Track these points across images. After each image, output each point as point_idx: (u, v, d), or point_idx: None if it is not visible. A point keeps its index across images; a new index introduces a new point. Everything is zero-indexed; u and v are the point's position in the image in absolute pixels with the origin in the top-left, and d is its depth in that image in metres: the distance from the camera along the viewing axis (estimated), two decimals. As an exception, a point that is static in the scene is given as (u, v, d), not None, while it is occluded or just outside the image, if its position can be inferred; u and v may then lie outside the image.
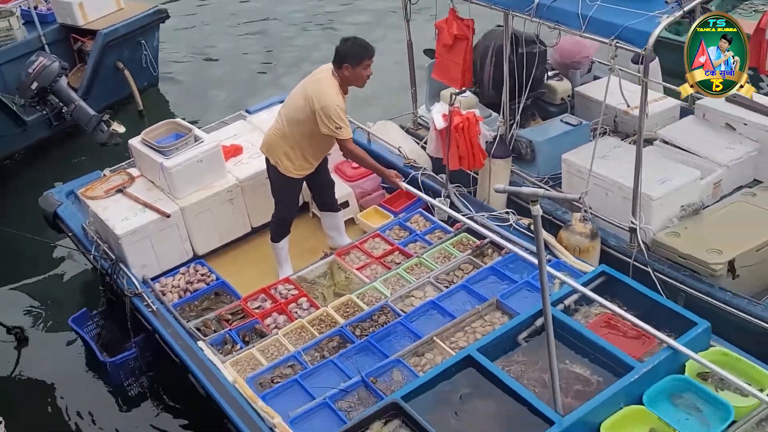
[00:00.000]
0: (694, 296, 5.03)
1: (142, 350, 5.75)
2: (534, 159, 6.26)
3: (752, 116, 5.93)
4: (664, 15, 4.86)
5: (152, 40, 10.03)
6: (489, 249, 5.54)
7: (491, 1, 5.77)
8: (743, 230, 5.27)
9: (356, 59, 5.19)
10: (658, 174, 5.45)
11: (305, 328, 5.08)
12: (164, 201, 5.90)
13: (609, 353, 4.18)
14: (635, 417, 3.93)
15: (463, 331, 4.74)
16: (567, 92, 6.86)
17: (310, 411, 4.32)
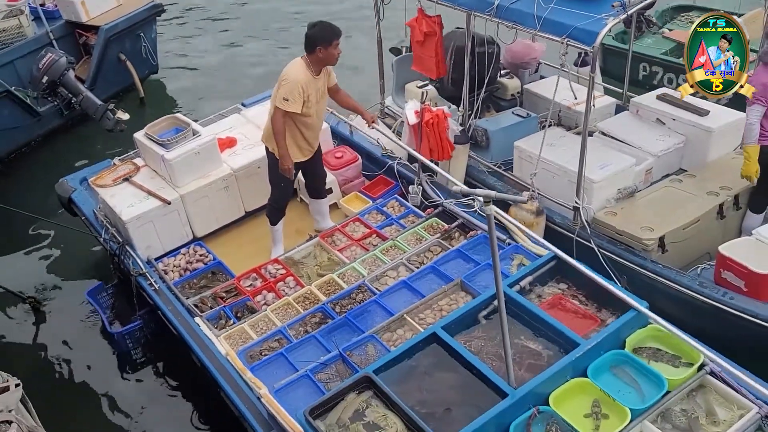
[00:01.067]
0: (629, 267, 5.07)
1: (146, 322, 5.71)
2: (488, 146, 6.29)
3: (680, 113, 5.95)
4: (610, 17, 4.82)
5: (150, 33, 9.83)
6: (456, 232, 5.49)
7: (455, 2, 5.71)
8: (671, 211, 5.33)
9: (327, 40, 5.00)
10: (598, 161, 5.48)
11: (291, 305, 5.03)
12: (166, 189, 5.81)
13: (558, 331, 4.15)
14: (580, 388, 3.91)
15: (430, 309, 4.70)
16: (517, 89, 6.91)
17: (292, 382, 4.29)
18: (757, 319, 4.53)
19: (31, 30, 9.04)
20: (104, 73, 9.26)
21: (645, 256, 5.08)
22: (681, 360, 3.99)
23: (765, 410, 3.70)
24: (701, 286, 4.82)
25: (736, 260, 4.73)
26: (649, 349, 4.09)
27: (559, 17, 4.99)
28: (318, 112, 5.30)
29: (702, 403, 3.84)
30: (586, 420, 3.76)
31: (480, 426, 3.65)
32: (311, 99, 5.11)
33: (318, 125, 5.37)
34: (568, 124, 6.44)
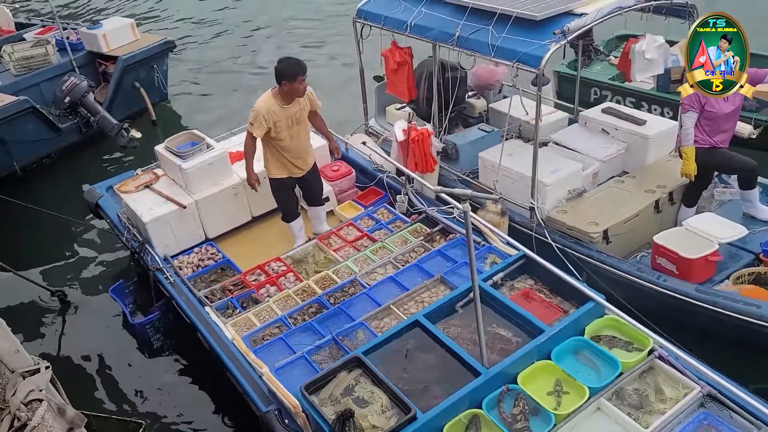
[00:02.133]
0: (578, 257, 5.13)
1: (163, 313, 5.66)
2: (458, 158, 6.34)
3: (621, 123, 6.06)
4: (552, 43, 4.94)
5: (162, 65, 9.85)
6: (437, 235, 5.48)
7: (422, 35, 5.80)
8: (614, 208, 5.40)
9: (291, 76, 4.91)
10: (551, 166, 5.56)
11: (291, 297, 5.00)
12: (182, 195, 5.79)
13: (526, 319, 4.13)
14: (545, 370, 3.90)
15: (413, 301, 4.68)
16: (483, 108, 6.99)
17: (291, 363, 4.27)
18: (686, 298, 4.60)
19: (56, 58, 9.13)
20: (120, 98, 9.28)
21: (591, 247, 5.16)
22: (633, 345, 3.98)
23: (706, 389, 3.69)
24: (639, 271, 4.90)
25: (669, 248, 4.80)
26: (605, 336, 4.09)
27: (510, 45, 5.10)
28: (293, 136, 5.19)
29: (651, 383, 3.83)
30: (549, 397, 3.75)
31: (456, 400, 3.63)
32: (280, 125, 5.06)
33: (297, 148, 5.26)
34: (527, 136, 6.53)
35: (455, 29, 5.48)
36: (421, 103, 6.57)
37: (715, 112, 4.98)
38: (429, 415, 3.55)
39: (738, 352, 4.59)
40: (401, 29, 5.95)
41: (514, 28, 5.15)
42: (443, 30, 5.62)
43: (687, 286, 4.65)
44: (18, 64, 8.89)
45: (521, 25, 5.15)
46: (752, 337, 4.37)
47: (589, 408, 3.68)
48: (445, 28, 5.61)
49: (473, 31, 5.38)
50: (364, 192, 6.38)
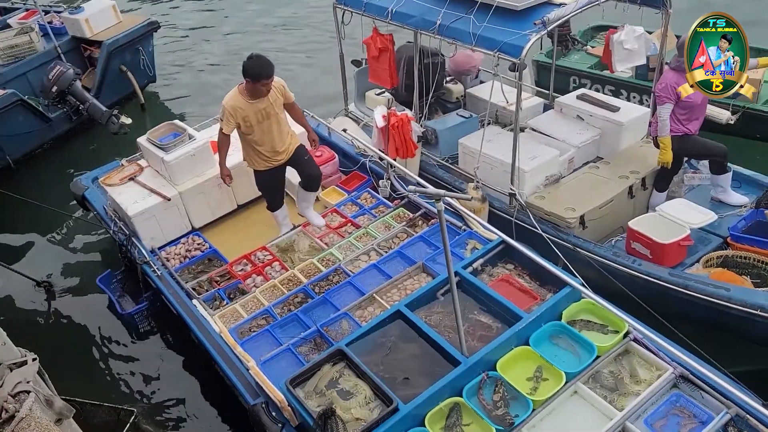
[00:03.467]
0: (556, 242, 5.15)
1: (152, 303, 5.69)
2: (438, 143, 6.31)
3: (596, 110, 6.04)
4: (533, 33, 4.89)
5: (148, 46, 9.68)
6: (419, 220, 5.50)
7: (405, 22, 5.71)
8: (590, 193, 5.42)
9: (254, 77, 4.71)
10: (529, 153, 5.55)
11: (277, 287, 5.03)
12: (166, 187, 5.77)
13: (504, 306, 4.18)
14: (523, 355, 3.96)
15: (396, 288, 4.71)
16: (460, 93, 6.94)
17: (277, 355, 4.31)
18: (660, 281, 4.65)
19: (40, 45, 8.91)
20: (107, 83, 9.13)
21: (569, 232, 5.19)
22: (609, 329, 4.05)
23: (679, 370, 3.76)
24: (615, 255, 4.94)
25: (643, 233, 4.84)
26: (582, 320, 4.14)
27: (491, 34, 5.04)
28: (265, 131, 5.02)
29: (626, 366, 3.90)
30: (528, 382, 3.82)
31: (437, 390, 3.69)
32: (249, 120, 4.91)
33: (271, 141, 5.08)
34: (503, 121, 6.50)
35: (436, 17, 5.39)
36: (400, 88, 6.50)
37: (692, 101, 4.97)
38: (410, 405, 3.61)
39: (709, 333, 4.67)
40: (382, 16, 5.85)
41: (494, 17, 5.08)
42: (424, 17, 5.53)
43: (660, 270, 4.70)
44: (3, 53, 8.70)
45: (502, 15, 5.08)
46: (722, 318, 4.44)
47: (566, 392, 3.75)
48: (427, 15, 5.52)
49: (454, 19, 5.30)
50: (348, 177, 6.36)
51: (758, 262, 4.68)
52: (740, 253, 4.77)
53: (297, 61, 10.68)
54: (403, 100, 6.61)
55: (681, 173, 5.67)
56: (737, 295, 4.33)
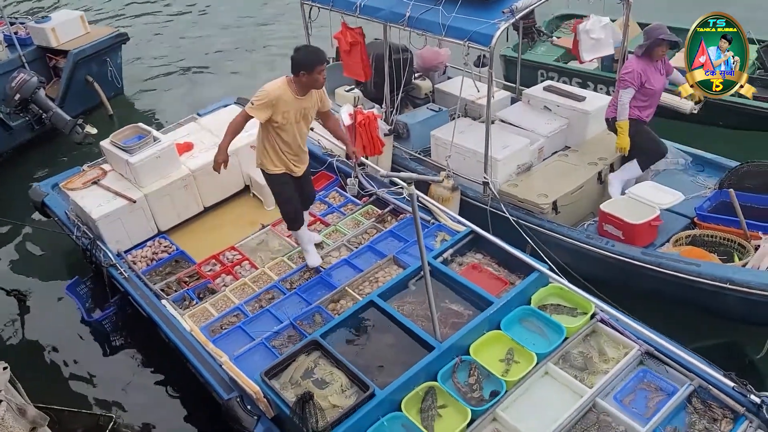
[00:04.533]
0: (530, 228, 5.26)
1: (120, 307, 5.58)
2: (409, 136, 6.38)
3: (562, 100, 6.20)
4: (501, 21, 4.98)
5: (116, 58, 9.56)
6: (388, 216, 5.55)
7: (374, 15, 5.77)
8: (561, 180, 5.55)
9: (309, 66, 4.31)
10: (500, 143, 5.64)
11: (247, 285, 5.00)
12: (131, 190, 5.69)
13: (475, 293, 4.26)
14: (495, 339, 4.04)
15: (368, 281, 4.75)
16: (429, 88, 7.03)
17: (250, 350, 4.29)
18: (633, 260, 4.77)
19: (4, 54, 8.70)
20: (73, 93, 8.95)
21: (542, 218, 5.29)
22: (576, 311, 4.16)
23: (644, 347, 3.89)
24: (588, 237, 5.05)
25: (615, 215, 4.98)
26: (551, 305, 4.24)
27: (460, 24, 5.13)
28: (299, 132, 4.58)
29: (595, 345, 4.01)
30: (500, 364, 3.90)
31: (413, 375, 3.74)
32: (288, 117, 4.43)
33: (298, 146, 4.64)
34: (472, 115, 6.61)
35: (405, 9, 5.46)
36: (369, 85, 6.56)
37: (654, 89, 5.12)
38: (386, 391, 3.64)
39: (681, 310, 4.83)
40: (350, 10, 5.90)
41: (463, 8, 5.18)
42: (393, 10, 5.60)
43: (633, 249, 4.82)
44: None
45: (470, 5, 5.18)
46: (693, 294, 4.59)
47: (537, 373, 3.83)
48: (395, 8, 5.59)
49: (423, 10, 5.37)
50: (315, 176, 6.35)
51: (724, 239, 4.85)
52: (707, 232, 4.94)
53: (264, 60, 10.67)
54: (373, 97, 6.67)
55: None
56: (707, 270, 4.47)
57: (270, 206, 6.04)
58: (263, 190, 6.01)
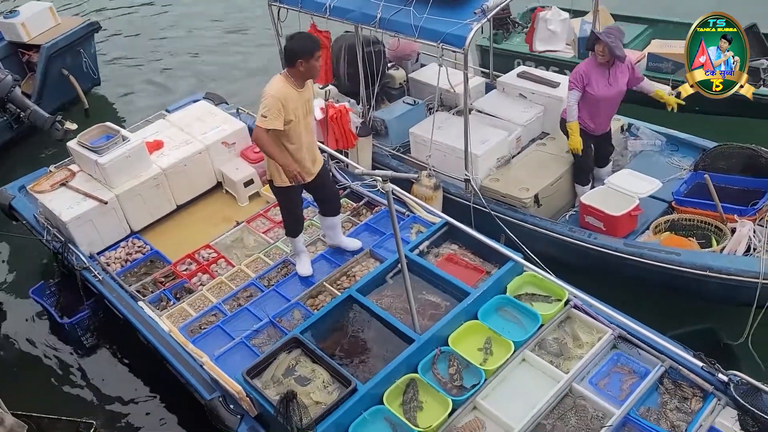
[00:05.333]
0: (514, 222, 5.29)
1: (94, 311, 5.52)
2: (387, 133, 6.35)
3: (537, 87, 6.20)
4: (474, 22, 4.95)
5: (89, 48, 9.29)
6: (363, 209, 5.57)
7: (344, 17, 5.70)
8: (540, 171, 5.56)
9: (308, 53, 4.05)
10: (479, 137, 5.62)
11: (224, 283, 4.99)
12: (102, 190, 5.59)
13: (452, 284, 4.33)
14: (473, 329, 4.12)
15: (346, 276, 4.78)
16: (402, 78, 6.95)
17: (230, 349, 4.30)
18: (616, 252, 4.83)
19: None
20: (49, 88, 8.71)
21: (525, 212, 5.30)
22: (551, 298, 4.26)
23: (617, 332, 4.01)
24: (571, 231, 5.09)
25: (596, 207, 5.03)
26: (526, 294, 4.33)
27: (433, 25, 5.08)
28: (308, 128, 4.33)
29: (569, 331, 4.12)
30: (479, 353, 3.98)
31: (393, 368, 3.80)
32: (298, 113, 4.17)
33: (309, 143, 4.37)
34: (449, 104, 6.58)
35: (376, 10, 5.39)
36: (343, 79, 6.47)
37: (594, 95, 5.06)
38: (368, 385, 3.70)
39: (658, 297, 4.96)
40: (320, 11, 5.80)
41: (434, 8, 5.12)
42: (364, 11, 5.52)
43: (616, 241, 4.88)
44: None
45: (441, 4, 5.12)
46: (675, 281, 4.70)
47: (515, 360, 3.93)
48: (365, 9, 5.51)
49: (394, 11, 5.31)
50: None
51: (701, 222, 4.96)
52: (685, 216, 5.03)
53: (235, 59, 10.53)
54: (347, 91, 6.59)
55: (623, 142, 5.86)
56: (687, 258, 4.58)
57: (243, 202, 6.03)
58: (236, 186, 5.99)
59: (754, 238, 4.65)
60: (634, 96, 5.50)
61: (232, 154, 6.19)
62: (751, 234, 4.65)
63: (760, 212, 4.81)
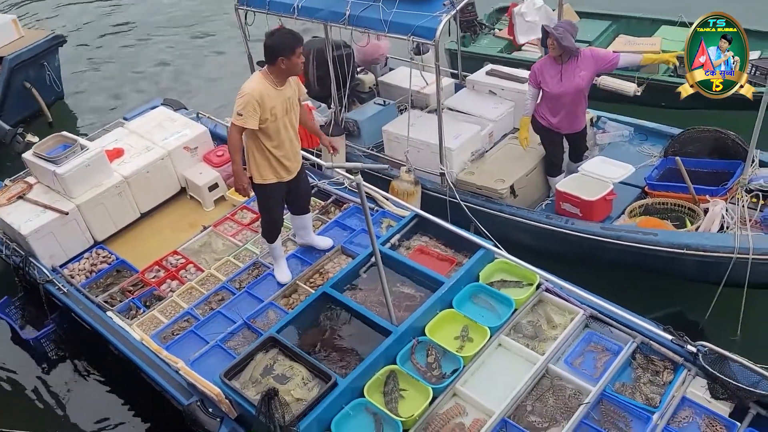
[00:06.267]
0: (491, 214, 5.33)
1: (59, 325, 5.38)
2: (360, 133, 6.34)
3: (506, 83, 6.29)
4: (443, 14, 4.97)
5: (53, 61, 9.08)
6: (332, 207, 5.56)
7: (313, 16, 5.67)
8: (515, 163, 5.62)
9: (289, 49, 3.97)
10: (452, 132, 5.65)
11: (195, 288, 4.92)
12: (61, 201, 5.46)
13: (425, 275, 4.36)
14: (449, 318, 4.16)
15: (318, 273, 4.77)
16: (372, 82, 6.99)
17: (205, 353, 4.24)
18: (595, 236, 4.91)
19: None
20: (11, 101, 8.49)
21: (502, 203, 5.35)
22: (522, 283, 4.33)
23: (588, 311, 4.10)
24: (548, 218, 5.15)
25: (571, 193, 5.11)
26: (499, 281, 4.39)
27: (402, 19, 5.10)
28: (288, 126, 4.22)
29: (542, 314, 4.20)
30: (456, 341, 4.02)
31: (372, 361, 3.81)
32: (276, 112, 4.09)
33: (291, 141, 4.28)
34: (419, 105, 6.60)
35: (345, 8, 5.37)
36: (312, 83, 6.44)
37: (548, 91, 5.13)
38: (348, 379, 3.70)
39: (640, 281, 5.06)
40: (288, 12, 5.75)
41: (402, 2, 5.13)
42: (332, 9, 5.49)
43: (593, 225, 4.97)
44: None
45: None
46: (653, 261, 4.81)
47: (492, 346, 3.98)
48: (334, 7, 5.48)
49: (363, 8, 5.31)
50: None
51: (674, 205, 5.09)
52: (658, 200, 5.16)
53: (203, 63, 10.40)
54: (317, 95, 6.56)
55: (593, 135, 5.96)
56: (664, 238, 4.69)
57: (209, 207, 5.96)
58: (200, 191, 5.92)
59: (726, 216, 4.80)
60: (598, 93, 5.60)
61: (194, 159, 6.11)
62: (723, 212, 4.79)
63: (730, 191, 4.96)
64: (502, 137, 6.11)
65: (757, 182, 4.92)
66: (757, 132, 4.44)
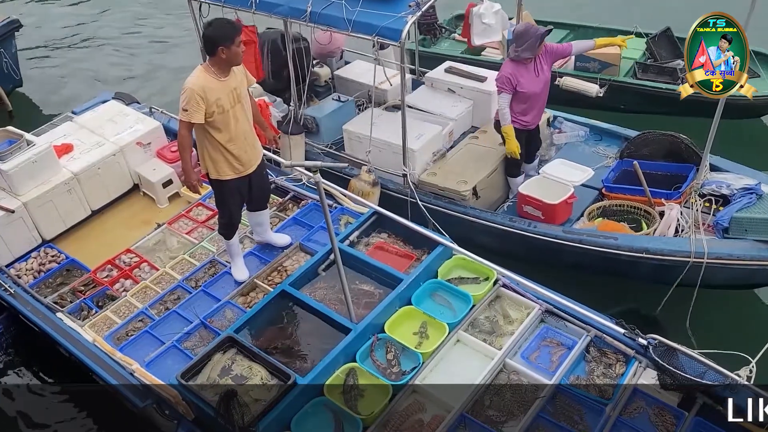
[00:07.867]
0: (453, 216, 5.33)
1: (6, 327, 5.19)
2: (319, 131, 6.27)
3: (465, 82, 6.29)
4: (409, 15, 4.91)
5: (10, 48, 8.63)
6: (290, 203, 5.52)
7: (272, 11, 5.53)
8: (476, 164, 5.63)
9: (229, 38, 3.89)
10: (414, 132, 5.60)
11: (149, 288, 4.82)
12: (7, 199, 5.25)
13: (384, 271, 4.38)
14: (408, 314, 4.19)
15: (276, 271, 4.72)
16: (328, 75, 6.90)
17: (161, 354, 4.16)
18: (556, 239, 4.98)
19: None
20: None
21: (465, 204, 5.34)
22: (480, 279, 4.39)
23: (544, 306, 4.19)
24: (512, 221, 5.19)
25: (533, 196, 5.17)
26: (456, 278, 4.44)
27: (367, 19, 4.99)
28: (238, 117, 4.10)
29: (499, 309, 4.26)
30: (414, 337, 4.05)
31: (332, 359, 3.81)
32: (222, 104, 3.99)
33: (243, 133, 4.17)
34: (377, 101, 6.46)
35: (306, 4, 5.23)
36: (267, 77, 6.33)
37: (527, 92, 5.12)
38: (308, 378, 3.69)
39: (598, 282, 5.17)
40: (245, 6, 5.58)
41: (367, 1, 5.03)
42: (293, 5, 5.33)
43: (555, 229, 5.03)
44: None
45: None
46: (612, 264, 4.91)
47: (450, 341, 4.03)
48: (295, 3, 5.33)
49: (326, 5, 5.18)
50: (209, 170, 6.19)
51: (631, 207, 5.20)
52: (615, 202, 5.26)
53: (157, 56, 10.13)
54: (272, 89, 6.45)
55: (549, 135, 6.03)
56: (625, 242, 4.80)
57: (163, 204, 5.83)
58: (154, 187, 5.79)
59: (681, 219, 4.95)
60: (560, 95, 5.65)
61: (148, 155, 5.97)
62: (678, 216, 4.94)
63: (684, 195, 5.11)
64: (461, 136, 6.13)
65: (710, 186, 5.08)
66: (712, 137, 4.61)
